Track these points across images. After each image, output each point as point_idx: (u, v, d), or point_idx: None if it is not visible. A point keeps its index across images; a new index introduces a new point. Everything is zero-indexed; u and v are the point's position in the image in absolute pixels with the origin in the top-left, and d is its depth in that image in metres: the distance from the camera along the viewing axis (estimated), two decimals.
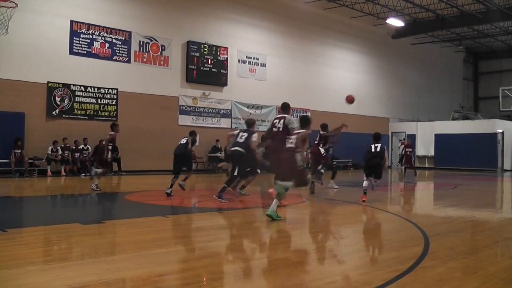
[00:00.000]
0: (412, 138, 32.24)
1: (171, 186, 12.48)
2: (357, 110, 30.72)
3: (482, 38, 38.13)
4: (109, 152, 13.82)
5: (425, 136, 33.32)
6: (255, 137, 11.63)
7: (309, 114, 28.56)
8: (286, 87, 27.61)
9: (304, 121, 9.82)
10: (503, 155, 31.68)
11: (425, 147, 33.22)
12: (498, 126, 31.60)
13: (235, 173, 11.56)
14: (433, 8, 29.97)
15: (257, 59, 26.55)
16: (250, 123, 12.21)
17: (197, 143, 14.02)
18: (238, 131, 12.22)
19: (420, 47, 36.99)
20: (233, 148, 11.69)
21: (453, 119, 36.36)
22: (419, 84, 37.37)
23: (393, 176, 24.40)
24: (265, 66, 26.88)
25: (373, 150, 12.45)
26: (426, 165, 33.04)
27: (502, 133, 31.50)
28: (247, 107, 25.87)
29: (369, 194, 13.05)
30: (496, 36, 37.25)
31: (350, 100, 12.92)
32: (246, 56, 26.08)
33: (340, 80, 31.11)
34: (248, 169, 11.76)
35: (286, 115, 10.47)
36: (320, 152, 13.80)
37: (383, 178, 14.47)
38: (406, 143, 23.67)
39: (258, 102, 26.40)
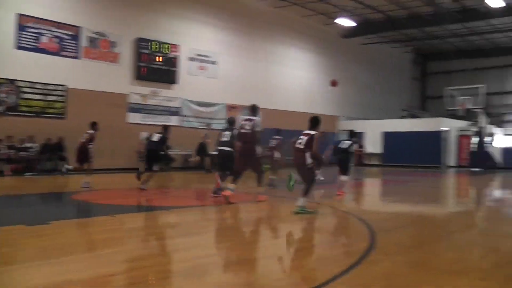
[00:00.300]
0: (360, 136, 32.70)
1: (146, 181, 13.30)
2: (307, 108, 30.92)
3: (431, 39, 39.05)
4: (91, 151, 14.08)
5: (374, 134, 33.87)
6: (236, 132, 11.62)
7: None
8: (237, 85, 27.60)
9: (315, 122, 9.88)
10: (447, 152, 32.54)
11: (373, 145, 33.74)
12: (444, 124, 32.42)
13: (227, 171, 11.75)
14: (384, 9, 30.47)
15: (208, 56, 26.41)
16: (232, 121, 12.34)
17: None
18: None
19: (370, 47, 37.55)
20: (220, 148, 11.80)
21: (402, 117, 37.07)
22: (368, 83, 37.94)
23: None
24: (216, 64, 26.77)
25: (340, 145, 13.17)
26: (374, 162, 33.59)
27: (447, 131, 32.35)
28: (198, 105, 25.72)
29: (316, 192, 13.18)
30: (444, 38, 38.21)
31: (334, 83, 13.60)
32: (197, 54, 25.90)
33: (291, 78, 31.33)
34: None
35: (255, 117, 10.92)
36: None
37: (330, 175, 14.72)
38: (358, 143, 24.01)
39: (209, 100, 26.27)
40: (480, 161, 29.91)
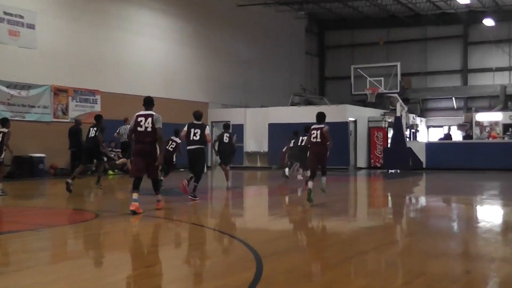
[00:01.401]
0: (239, 129, 32.88)
1: (73, 178, 16.33)
2: (165, 92, 30.59)
3: (329, 2, 40.13)
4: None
5: (257, 126, 34.13)
6: (208, 130, 15.07)
7: (98, 99, 27.99)
8: (66, 59, 26.57)
9: (323, 117, 14.28)
10: (356, 150, 33.57)
11: (257, 141, 34.05)
12: (350, 113, 33.33)
13: (200, 170, 15.09)
14: None
15: (22, 17, 25.22)
16: (199, 116, 15.30)
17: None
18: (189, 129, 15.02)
19: (250, 10, 37.83)
20: (191, 147, 14.68)
21: (293, 104, 37.71)
22: (248, 59, 38.24)
23: (214, 180, 24.74)
24: (34, 28, 25.65)
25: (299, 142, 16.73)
26: (258, 164, 33.86)
27: (355, 122, 33.35)
28: (7, 87, 24.47)
29: (175, 204, 13.15)
30: (347, 1, 39.42)
31: None
32: (5, 12, 24.60)
33: (143, 50, 30.79)
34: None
35: (152, 112, 12.45)
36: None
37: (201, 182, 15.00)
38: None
39: (25, 79, 25.10)
40: (398, 160, 31.05)
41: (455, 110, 44.39)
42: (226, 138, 18.60)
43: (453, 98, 44.41)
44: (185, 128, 15.09)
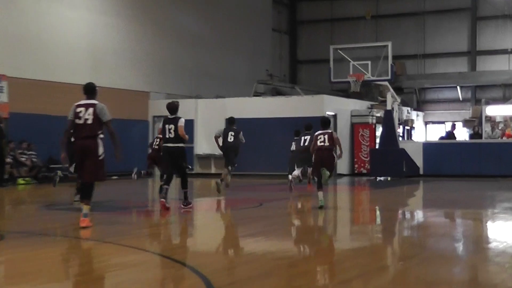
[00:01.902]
0: (188, 125, 32.70)
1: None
2: (93, 79, 30.13)
3: None
4: None
5: (211, 122, 33.81)
6: (182, 122, 15.87)
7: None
8: None
9: (329, 123, 17.14)
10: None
11: (211, 141, 33.79)
12: (328, 106, 33.34)
13: (183, 171, 16.30)
14: None
15: None
16: (173, 108, 16.22)
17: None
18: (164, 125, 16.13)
19: None
20: (167, 145, 15.80)
21: (256, 94, 37.71)
22: (201, 38, 38.15)
23: (155, 191, 24.65)
24: None
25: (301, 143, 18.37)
26: (212, 170, 33.57)
27: (335, 116, 33.38)
28: None
29: (103, 223, 13.22)
30: None
31: None
32: None
33: (63, 24, 30.44)
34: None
35: (95, 102, 12.92)
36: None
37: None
38: None
39: None
40: (389, 164, 31.08)
41: (460, 102, 44.68)
42: (231, 137, 21.20)
43: (458, 87, 44.69)
44: (160, 125, 16.28)
